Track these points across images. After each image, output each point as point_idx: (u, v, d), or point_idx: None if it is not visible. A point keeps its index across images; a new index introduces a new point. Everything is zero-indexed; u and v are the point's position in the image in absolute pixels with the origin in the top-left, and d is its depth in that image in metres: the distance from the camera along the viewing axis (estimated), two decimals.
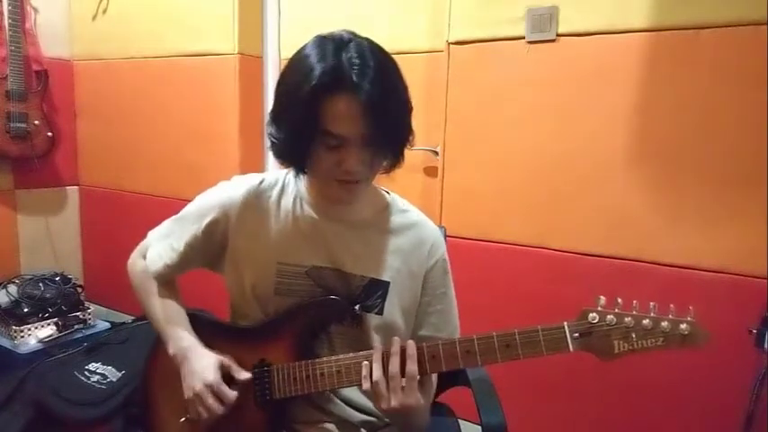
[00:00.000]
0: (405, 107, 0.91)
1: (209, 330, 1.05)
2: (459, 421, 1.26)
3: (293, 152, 0.92)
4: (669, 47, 1.51)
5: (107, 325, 2.53)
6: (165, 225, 1.10)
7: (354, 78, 0.82)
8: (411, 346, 0.88)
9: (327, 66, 0.83)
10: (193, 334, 1.03)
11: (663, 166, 1.55)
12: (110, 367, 1.99)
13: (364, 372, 0.88)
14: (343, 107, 0.83)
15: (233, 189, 1.03)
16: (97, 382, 1.92)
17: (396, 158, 0.95)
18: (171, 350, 1.02)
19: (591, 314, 0.83)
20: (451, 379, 1.21)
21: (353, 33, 0.89)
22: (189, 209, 1.07)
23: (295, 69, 0.88)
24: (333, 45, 0.85)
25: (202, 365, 0.96)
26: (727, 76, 1.45)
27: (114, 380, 1.93)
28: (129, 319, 2.48)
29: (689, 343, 0.80)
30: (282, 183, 1.04)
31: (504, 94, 1.76)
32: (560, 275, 1.70)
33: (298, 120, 0.86)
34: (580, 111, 1.65)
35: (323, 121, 0.84)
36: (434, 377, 1.03)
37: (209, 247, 1.04)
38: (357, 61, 0.83)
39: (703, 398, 1.53)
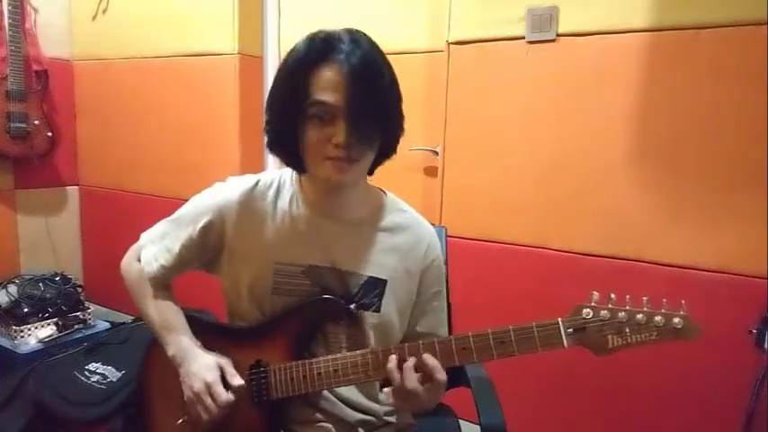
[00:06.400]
0: (393, 88, 0.92)
1: (206, 332, 1.04)
2: (460, 421, 1.26)
3: (284, 131, 0.92)
4: (669, 47, 1.51)
5: (107, 325, 2.53)
6: (160, 226, 1.09)
7: (342, 51, 0.86)
8: (430, 358, 0.88)
9: (317, 42, 0.88)
10: (192, 335, 1.03)
11: (663, 166, 1.55)
12: (110, 367, 2.00)
13: (391, 364, 0.88)
14: (329, 74, 0.86)
15: (229, 190, 1.02)
16: (97, 382, 1.93)
17: (388, 141, 0.94)
18: (170, 352, 1.01)
19: (585, 310, 0.84)
20: (452, 379, 1.20)
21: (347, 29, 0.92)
22: (184, 210, 1.06)
23: (287, 57, 0.92)
24: (323, 33, 0.89)
25: (201, 366, 0.96)
26: (727, 76, 1.45)
27: (114, 380, 1.93)
28: (129, 319, 2.49)
29: (682, 336, 0.81)
30: (278, 183, 1.04)
31: (504, 94, 1.76)
32: (560, 275, 1.70)
33: (286, 91, 0.89)
34: (580, 111, 1.65)
35: (311, 90, 0.86)
36: None
37: (205, 249, 1.04)
38: (347, 38, 0.87)
39: (703, 398, 1.53)
